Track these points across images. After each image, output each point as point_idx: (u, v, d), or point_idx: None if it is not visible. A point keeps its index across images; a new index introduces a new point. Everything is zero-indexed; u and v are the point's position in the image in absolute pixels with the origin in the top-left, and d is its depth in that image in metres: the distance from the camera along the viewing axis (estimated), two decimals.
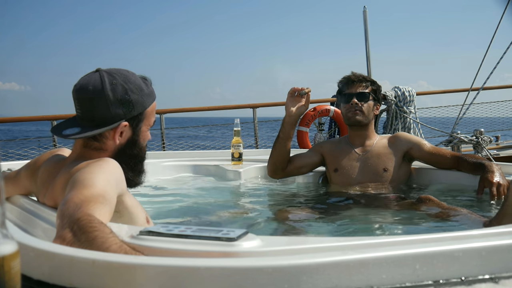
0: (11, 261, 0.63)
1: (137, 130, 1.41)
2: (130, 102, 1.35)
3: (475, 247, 0.89)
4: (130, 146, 1.41)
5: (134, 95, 1.36)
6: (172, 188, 2.58)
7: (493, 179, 1.97)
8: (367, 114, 2.35)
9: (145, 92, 1.39)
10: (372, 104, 2.37)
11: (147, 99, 1.40)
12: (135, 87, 1.37)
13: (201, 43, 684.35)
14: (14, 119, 6.15)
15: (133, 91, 1.36)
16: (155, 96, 1.45)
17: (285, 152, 2.35)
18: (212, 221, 1.88)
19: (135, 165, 1.44)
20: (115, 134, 1.37)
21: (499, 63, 4.04)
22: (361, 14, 5.05)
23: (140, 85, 1.39)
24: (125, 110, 1.35)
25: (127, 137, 1.40)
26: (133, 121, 1.39)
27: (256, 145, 6.45)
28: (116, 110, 1.34)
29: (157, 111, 5.94)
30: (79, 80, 1.37)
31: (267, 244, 0.91)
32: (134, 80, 1.38)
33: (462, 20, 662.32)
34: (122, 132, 1.38)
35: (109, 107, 1.33)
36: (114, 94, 1.33)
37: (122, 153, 1.40)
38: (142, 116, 1.40)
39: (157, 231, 0.93)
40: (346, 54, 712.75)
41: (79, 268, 0.84)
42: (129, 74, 1.39)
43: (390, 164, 2.29)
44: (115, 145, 1.39)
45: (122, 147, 1.40)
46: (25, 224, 1.34)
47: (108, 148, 1.39)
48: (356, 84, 2.37)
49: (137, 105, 1.37)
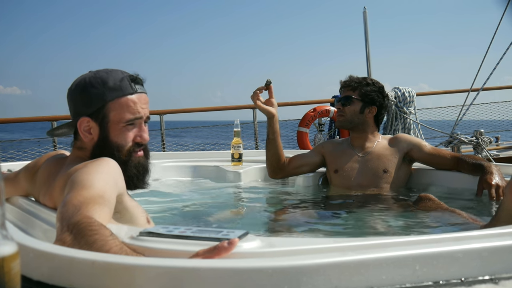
0: (11, 262, 0.63)
1: (104, 126, 1.35)
2: (88, 97, 1.34)
3: (475, 248, 0.89)
4: (103, 142, 1.36)
5: (94, 90, 1.33)
6: (172, 189, 2.58)
7: (491, 180, 1.96)
8: (349, 117, 2.35)
9: (109, 86, 1.33)
10: (358, 108, 2.34)
11: (110, 92, 1.33)
12: (98, 81, 1.33)
13: (201, 47, 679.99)
14: (14, 119, 6.15)
15: (93, 86, 1.33)
16: (129, 92, 1.35)
17: (277, 149, 2.36)
18: (212, 222, 1.88)
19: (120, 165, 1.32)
20: (81, 132, 1.36)
21: (498, 63, 4.04)
22: (361, 15, 5.05)
23: (106, 79, 1.34)
24: (84, 105, 1.35)
25: (97, 134, 1.36)
26: (96, 116, 1.34)
27: (256, 146, 6.45)
28: (78, 106, 1.36)
29: (157, 112, 5.94)
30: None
31: (267, 245, 0.91)
32: (102, 75, 1.35)
33: (464, 22, 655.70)
34: (89, 128, 1.36)
35: (73, 104, 1.38)
36: (77, 90, 1.36)
37: (98, 149, 1.36)
38: (105, 110, 1.34)
39: (157, 232, 0.93)
40: (347, 55, 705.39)
41: (79, 269, 0.84)
42: (108, 71, 1.37)
43: (390, 166, 2.28)
44: (89, 143, 1.37)
45: (97, 145, 1.37)
46: (24, 225, 1.34)
47: (87, 146, 1.38)
48: (346, 88, 2.39)
49: (95, 99, 1.33)
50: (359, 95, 2.35)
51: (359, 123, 2.36)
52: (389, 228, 1.79)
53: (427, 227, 1.77)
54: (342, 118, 2.37)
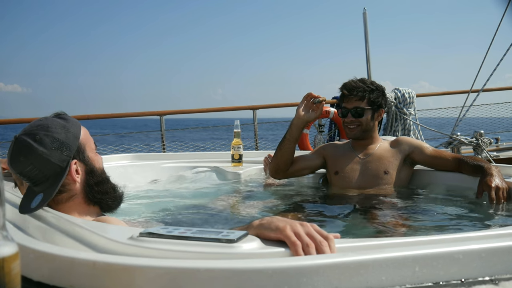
0: (11, 263, 0.63)
1: (87, 160, 1.45)
2: (63, 143, 1.38)
3: (475, 249, 0.89)
4: (91, 176, 1.45)
5: (62, 135, 1.38)
6: (172, 190, 2.58)
7: (491, 182, 1.95)
8: (365, 127, 2.34)
9: (68, 126, 1.42)
10: (370, 116, 2.34)
11: (74, 130, 1.42)
12: (56, 128, 1.39)
13: (202, 45, 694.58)
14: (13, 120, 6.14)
15: (58, 132, 1.38)
16: (79, 124, 1.47)
17: (289, 153, 2.34)
18: (212, 223, 1.88)
19: (106, 188, 1.47)
20: (72, 176, 1.40)
21: (498, 65, 4.04)
22: (361, 14, 5.05)
23: (59, 123, 1.41)
24: (65, 152, 1.38)
25: (83, 171, 1.44)
26: (78, 155, 1.42)
27: (256, 146, 6.45)
28: (58, 157, 1.36)
29: (157, 113, 5.94)
30: (7, 156, 1.38)
31: (267, 246, 0.91)
32: (54, 123, 1.40)
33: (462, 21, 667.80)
34: (76, 170, 1.42)
35: (50, 160, 1.35)
36: (45, 147, 1.35)
37: (89, 187, 1.44)
38: (81, 146, 1.43)
39: (157, 233, 0.93)
40: (347, 55, 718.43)
41: (79, 270, 0.84)
42: (45, 122, 1.41)
43: (391, 167, 2.28)
44: (79, 185, 1.43)
45: (86, 182, 1.44)
46: (24, 226, 1.34)
47: (76, 192, 1.43)
48: (352, 98, 2.34)
49: (70, 141, 1.40)
50: (368, 104, 2.33)
51: (371, 130, 2.37)
52: (389, 229, 1.79)
53: (427, 228, 1.77)
54: (358, 129, 2.33)
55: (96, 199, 1.46)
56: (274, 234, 0.93)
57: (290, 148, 2.34)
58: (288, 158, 2.35)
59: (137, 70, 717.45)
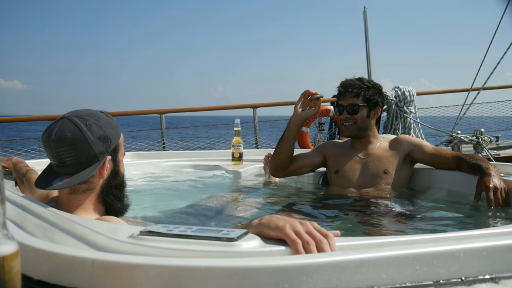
0: (12, 261, 0.63)
1: (117, 161, 1.49)
2: (107, 137, 1.42)
3: (476, 247, 0.89)
4: (114, 177, 1.48)
5: (108, 130, 1.43)
6: (172, 188, 2.58)
7: (489, 183, 1.93)
8: (360, 125, 2.34)
9: (114, 125, 1.47)
10: (365, 114, 2.34)
11: (117, 130, 1.47)
12: (106, 122, 1.44)
13: (203, 43, 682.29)
14: (14, 119, 6.15)
15: (106, 126, 1.42)
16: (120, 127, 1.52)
17: (288, 151, 2.35)
18: (212, 221, 1.89)
19: (120, 193, 1.51)
20: (102, 170, 1.43)
21: (499, 63, 4.04)
22: (362, 14, 5.05)
23: (108, 119, 1.46)
24: (105, 146, 1.41)
25: (110, 170, 1.47)
26: (113, 154, 1.46)
27: (256, 145, 6.45)
28: (99, 147, 1.39)
29: (158, 111, 5.94)
30: (50, 131, 1.38)
31: (267, 244, 0.91)
32: (103, 117, 1.45)
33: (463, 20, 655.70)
34: (107, 166, 1.44)
35: (92, 147, 1.38)
36: (92, 134, 1.38)
37: (108, 186, 1.47)
38: (118, 147, 1.48)
39: (158, 231, 0.93)
40: (347, 54, 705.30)
41: (79, 268, 0.84)
42: (95, 113, 1.45)
43: (391, 167, 2.28)
44: (101, 181, 1.45)
45: (108, 181, 1.47)
46: (24, 224, 1.34)
47: (95, 186, 1.44)
48: (347, 95, 2.35)
49: (113, 138, 1.44)
50: (363, 101, 2.34)
51: (367, 128, 2.36)
52: (389, 227, 1.79)
53: (427, 226, 1.77)
54: (354, 126, 2.34)
55: (108, 199, 1.48)
56: (274, 232, 0.93)
57: (289, 145, 2.34)
58: (287, 155, 2.36)
59: (138, 68, 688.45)
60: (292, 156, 2.38)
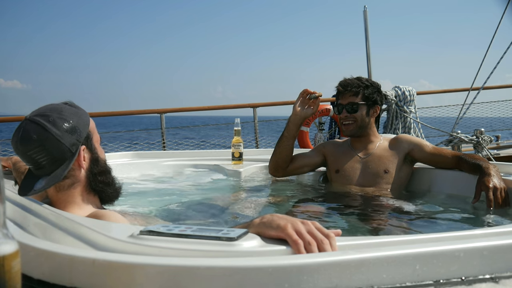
0: (12, 261, 0.63)
1: (93, 148, 1.46)
2: (75, 128, 1.38)
3: (476, 247, 0.89)
4: (95, 165, 1.46)
5: (74, 120, 1.39)
6: (172, 188, 2.58)
7: (489, 183, 1.93)
8: (360, 123, 2.34)
9: (80, 113, 1.43)
10: (364, 112, 2.34)
11: (84, 118, 1.44)
12: (70, 113, 1.40)
13: (202, 43, 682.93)
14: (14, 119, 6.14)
15: (71, 117, 1.39)
16: (87, 113, 1.48)
17: (288, 150, 2.35)
18: (212, 221, 1.88)
19: (108, 179, 1.49)
20: (80, 162, 1.41)
21: (499, 63, 4.04)
22: (362, 14, 5.05)
23: (73, 109, 1.42)
24: (76, 136, 1.38)
25: (89, 159, 1.45)
26: (87, 142, 1.44)
27: (256, 144, 6.45)
28: (69, 140, 1.36)
29: (157, 111, 5.94)
30: (16, 137, 1.36)
31: (267, 244, 0.91)
32: (66, 108, 1.41)
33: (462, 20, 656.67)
34: (84, 156, 1.42)
35: (61, 142, 1.35)
36: (58, 128, 1.35)
37: (92, 175, 1.45)
38: (90, 134, 1.45)
39: (158, 231, 0.93)
40: (347, 54, 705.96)
41: (80, 268, 0.84)
42: (57, 106, 1.42)
43: (391, 166, 2.28)
44: (83, 172, 1.43)
45: (90, 170, 1.45)
46: (24, 224, 1.34)
47: (80, 178, 1.43)
48: (346, 94, 2.35)
49: (81, 127, 1.41)
50: (362, 99, 2.34)
51: (367, 126, 2.37)
52: (389, 227, 1.79)
53: (427, 226, 1.77)
54: (354, 125, 2.34)
55: (98, 188, 1.46)
56: (275, 232, 0.93)
57: (288, 145, 2.34)
58: (287, 155, 2.36)
59: (138, 68, 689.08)
60: (291, 155, 2.38)
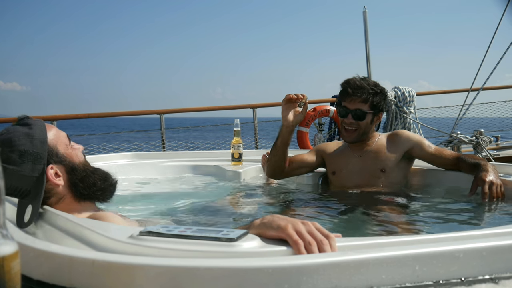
0: (11, 262, 0.63)
1: (63, 160, 1.38)
2: (31, 153, 1.29)
3: (476, 248, 0.89)
4: (73, 174, 1.39)
5: (27, 145, 1.30)
6: (172, 189, 2.58)
7: (486, 177, 1.94)
8: (363, 131, 2.28)
9: (32, 133, 1.33)
10: (370, 120, 2.28)
11: (39, 135, 1.33)
12: (20, 139, 1.30)
13: (202, 44, 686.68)
14: (13, 119, 6.13)
15: (22, 144, 1.30)
16: (43, 124, 1.38)
17: (283, 157, 2.29)
18: (212, 222, 1.88)
19: (93, 180, 1.42)
20: (53, 182, 1.35)
21: (499, 63, 4.04)
22: (361, 14, 5.05)
23: (22, 132, 1.32)
24: (36, 161, 1.30)
25: (64, 171, 1.38)
26: (52, 158, 1.35)
27: (256, 145, 6.45)
28: (30, 168, 1.29)
29: (157, 111, 5.94)
30: None
31: (267, 245, 0.91)
32: (14, 135, 1.31)
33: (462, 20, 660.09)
34: (56, 173, 1.36)
35: (23, 174, 1.28)
36: (14, 163, 1.28)
37: (74, 185, 1.40)
38: (52, 148, 1.36)
39: (157, 232, 0.93)
40: (347, 54, 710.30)
41: (79, 269, 0.84)
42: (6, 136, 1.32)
43: (388, 164, 2.26)
44: (63, 187, 1.38)
45: (70, 181, 1.39)
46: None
47: (63, 193, 1.38)
48: (355, 99, 2.24)
49: (38, 148, 1.31)
50: (370, 108, 2.27)
51: (368, 133, 2.32)
52: (389, 227, 1.79)
53: (426, 226, 1.77)
54: (356, 133, 2.27)
55: (85, 195, 1.41)
56: (275, 232, 0.93)
57: (283, 152, 2.28)
58: (282, 161, 2.30)
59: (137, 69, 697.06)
60: (286, 160, 2.32)
